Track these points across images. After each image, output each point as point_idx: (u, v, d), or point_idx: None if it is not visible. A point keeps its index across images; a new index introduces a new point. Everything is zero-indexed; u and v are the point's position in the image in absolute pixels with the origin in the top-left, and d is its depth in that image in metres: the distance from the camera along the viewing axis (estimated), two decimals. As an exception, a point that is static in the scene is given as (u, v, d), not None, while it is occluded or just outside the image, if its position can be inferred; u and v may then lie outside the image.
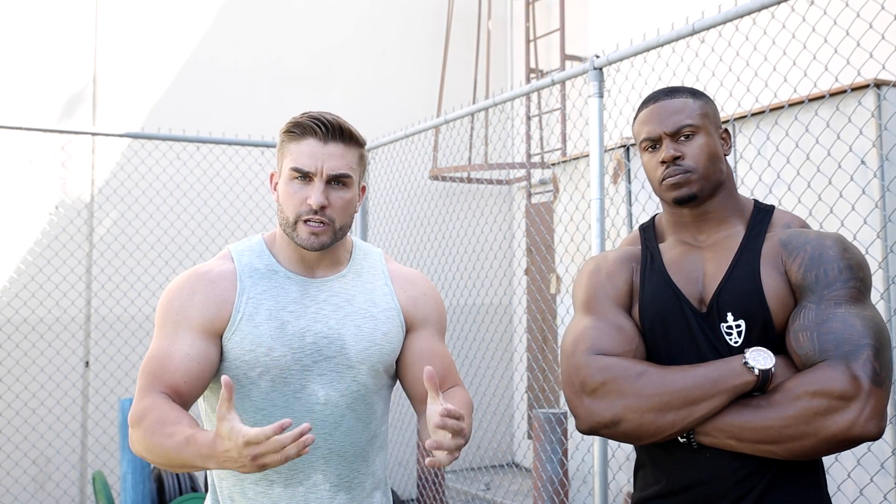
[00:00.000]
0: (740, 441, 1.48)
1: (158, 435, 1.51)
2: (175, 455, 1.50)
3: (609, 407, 1.55)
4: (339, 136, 1.71)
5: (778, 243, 1.62)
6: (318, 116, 1.71)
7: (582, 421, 1.60)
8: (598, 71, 3.21)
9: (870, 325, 1.47)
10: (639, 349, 1.64)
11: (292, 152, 1.70)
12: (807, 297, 1.53)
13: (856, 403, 1.40)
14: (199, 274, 1.76)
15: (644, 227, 1.80)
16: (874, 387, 1.41)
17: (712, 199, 1.66)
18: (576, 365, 1.61)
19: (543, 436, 4.30)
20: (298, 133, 1.71)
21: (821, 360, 1.46)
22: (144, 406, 1.58)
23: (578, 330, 1.67)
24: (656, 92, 1.70)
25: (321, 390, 1.73)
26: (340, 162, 1.70)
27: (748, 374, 1.48)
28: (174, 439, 1.49)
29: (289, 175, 1.70)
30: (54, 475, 5.44)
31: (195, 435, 1.46)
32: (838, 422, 1.41)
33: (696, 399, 1.49)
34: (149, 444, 1.53)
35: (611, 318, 1.66)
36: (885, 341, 1.47)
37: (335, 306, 1.77)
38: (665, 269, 1.68)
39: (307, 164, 1.68)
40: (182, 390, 1.65)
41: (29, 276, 5.47)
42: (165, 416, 1.55)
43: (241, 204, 6.07)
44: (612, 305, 1.68)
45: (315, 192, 1.67)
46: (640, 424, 1.52)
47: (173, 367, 1.65)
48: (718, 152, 1.66)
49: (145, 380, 1.65)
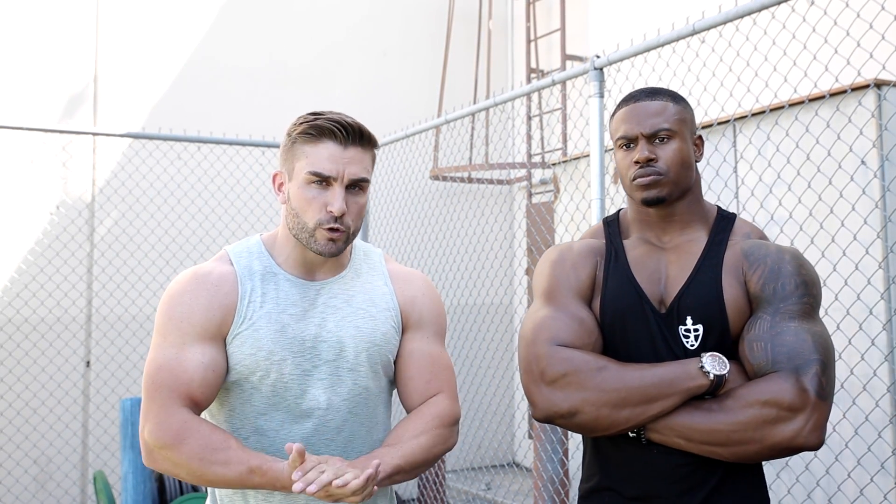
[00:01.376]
0: (689, 441, 1.53)
1: (209, 463, 1.54)
2: (235, 481, 1.54)
3: (567, 398, 1.58)
4: (358, 139, 1.67)
5: (739, 253, 1.66)
6: (337, 119, 1.65)
7: (539, 409, 1.63)
8: (599, 71, 3.22)
9: (819, 340, 1.53)
10: (597, 343, 1.67)
11: (309, 155, 1.65)
12: (762, 308, 1.59)
13: (802, 415, 1.47)
14: (199, 277, 1.71)
15: (608, 221, 1.84)
16: (819, 400, 1.47)
17: (679, 202, 1.71)
18: (536, 354, 1.64)
19: (544, 435, 4.30)
20: (315, 135, 1.65)
21: (772, 370, 1.52)
22: (178, 428, 1.56)
23: (539, 318, 1.69)
24: (637, 91, 1.73)
25: (322, 394, 1.71)
26: (360, 167, 1.66)
27: (703, 377, 1.53)
28: (232, 468, 1.53)
29: (306, 179, 1.65)
30: (55, 475, 5.45)
31: (264, 467, 1.52)
32: (784, 431, 1.47)
33: (652, 398, 1.54)
34: (194, 470, 1.55)
35: (572, 310, 1.69)
36: (831, 357, 1.53)
37: (334, 308, 1.75)
38: (629, 267, 1.72)
39: (328, 168, 1.63)
40: (199, 400, 1.63)
41: (30, 275, 5.48)
42: (210, 441, 1.55)
43: (241, 204, 6.08)
44: (573, 297, 1.71)
45: (337, 199, 1.63)
46: (596, 418, 1.56)
47: (188, 377, 1.61)
48: (690, 159, 1.70)
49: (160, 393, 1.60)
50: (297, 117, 1.72)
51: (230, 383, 1.71)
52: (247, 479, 1.53)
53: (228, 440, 1.56)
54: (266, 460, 1.54)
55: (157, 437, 1.57)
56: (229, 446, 1.55)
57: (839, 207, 3.20)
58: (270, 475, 1.52)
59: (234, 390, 1.71)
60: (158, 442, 1.57)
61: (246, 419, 1.71)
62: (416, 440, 1.68)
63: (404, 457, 1.64)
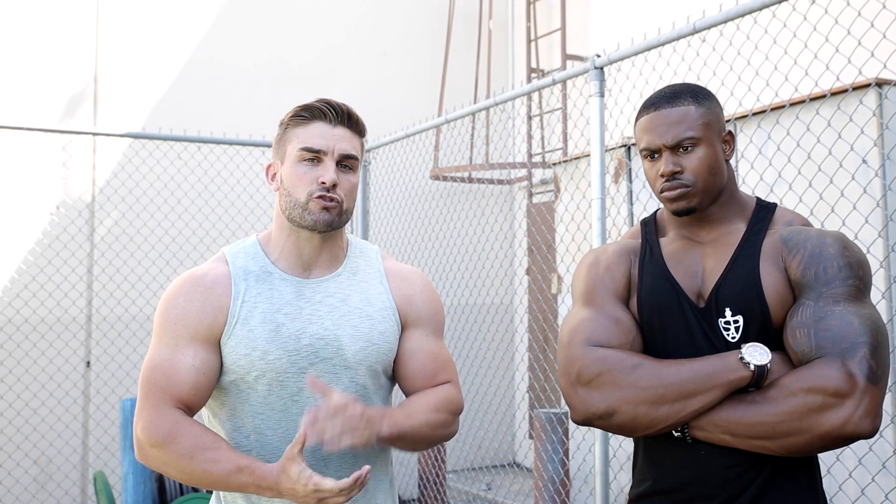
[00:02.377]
0: (734, 436, 1.48)
1: (199, 461, 1.56)
2: (222, 480, 1.56)
3: (604, 398, 1.55)
4: (346, 120, 1.73)
5: (778, 240, 1.61)
6: (326, 100, 1.73)
7: (577, 412, 1.60)
8: (599, 70, 3.21)
9: (867, 323, 1.47)
10: (636, 342, 1.64)
11: (300, 135, 1.71)
12: (805, 294, 1.53)
13: (851, 401, 1.40)
14: (194, 279, 1.74)
15: (645, 222, 1.81)
16: (870, 384, 1.41)
17: (713, 204, 1.67)
18: (572, 356, 1.61)
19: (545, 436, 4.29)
20: (307, 116, 1.71)
21: (817, 356, 1.46)
22: (169, 428, 1.59)
23: (576, 321, 1.67)
24: (657, 96, 1.67)
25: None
26: (349, 144, 1.72)
27: (744, 369, 1.48)
28: (221, 466, 1.55)
29: (298, 156, 1.70)
30: (55, 475, 5.44)
31: (252, 466, 1.54)
32: (832, 419, 1.40)
33: (691, 393, 1.49)
34: (184, 467, 1.57)
35: (608, 311, 1.66)
36: (882, 340, 1.46)
37: (330, 307, 1.75)
38: (664, 263, 1.68)
39: (318, 143, 1.69)
40: (191, 403, 1.66)
41: (30, 276, 5.47)
42: (201, 441, 1.58)
43: (241, 204, 6.07)
44: (610, 297, 1.69)
45: (328, 170, 1.68)
46: (634, 416, 1.53)
47: (180, 379, 1.64)
48: (719, 162, 1.64)
49: (153, 393, 1.63)
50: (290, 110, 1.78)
51: (228, 383, 1.72)
52: (234, 477, 1.55)
53: (219, 441, 1.59)
54: (255, 461, 1.56)
55: (149, 434, 1.60)
56: (219, 446, 1.58)
57: (840, 207, 3.19)
58: (258, 475, 1.54)
59: (232, 390, 1.72)
60: (150, 440, 1.60)
61: (246, 418, 1.71)
62: (426, 416, 1.71)
63: (413, 427, 1.67)
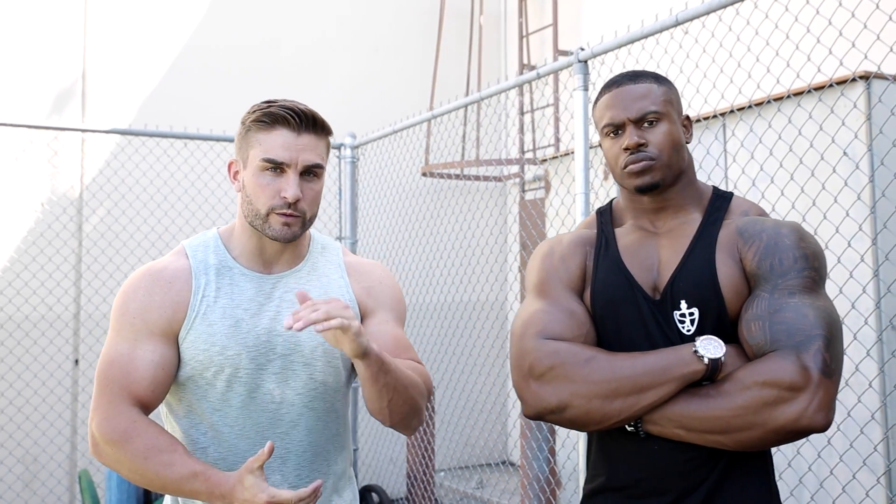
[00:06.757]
0: (688, 431, 1.45)
1: (153, 463, 1.51)
2: (173, 484, 1.51)
3: (556, 392, 1.51)
4: (311, 126, 1.67)
5: (734, 231, 1.58)
6: (290, 106, 1.66)
7: (528, 406, 1.56)
8: (584, 64, 3.16)
9: (822, 315, 1.44)
10: (589, 334, 1.60)
11: (262, 143, 1.64)
12: (761, 286, 1.50)
13: (804, 394, 1.37)
14: (153, 273, 1.71)
15: (601, 211, 1.77)
16: (824, 378, 1.38)
17: (672, 186, 1.63)
18: (524, 348, 1.57)
19: (530, 433, 4.26)
20: (269, 122, 1.65)
21: (772, 349, 1.42)
22: (125, 426, 1.55)
23: (529, 313, 1.63)
24: (619, 76, 1.65)
25: (276, 389, 1.69)
26: (314, 153, 1.66)
27: (697, 362, 1.45)
28: (175, 469, 1.50)
29: (259, 166, 1.64)
30: (40, 474, 5.41)
31: (207, 472, 1.49)
32: (787, 413, 1.37)
33: (645, 387, 1.46)
34: (137, 468, 1.52)
35: (562, 303, 1.62)
36: (836, 332, 1.43)
37: (290, 302, 1.72)
38: (619, 255, 1.64)
39: (281, 155, 1.62)
40: (149, 399, 1.61)
41: (15, 273, 5.44)
42: (156, 442, 1.53)
43: (228, 200, 6.04)
44: (563, 289, 1.64)
45: (291, 185, 1.62)
46: (587, 411, 1.49)
47: (139, 375, 1.60)
48: (681, 140, 1.62)
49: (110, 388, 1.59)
50: (252, 106, 1.72)
51: (186, 379, 1.69)
52: (187, 482, 1.50)
53: (175, 444, 1.55)
54: (210, 468, 1.52)
55: (104, 432, 1.56)
56: (175, 450, 1.54)
57: (826, 200, 3.14)
58: (213, 481, 1.49)
59: (190, 386, 1.69)
60: (105, 437, 1.56)
61: (203, 414, 1.69)
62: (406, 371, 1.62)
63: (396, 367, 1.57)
